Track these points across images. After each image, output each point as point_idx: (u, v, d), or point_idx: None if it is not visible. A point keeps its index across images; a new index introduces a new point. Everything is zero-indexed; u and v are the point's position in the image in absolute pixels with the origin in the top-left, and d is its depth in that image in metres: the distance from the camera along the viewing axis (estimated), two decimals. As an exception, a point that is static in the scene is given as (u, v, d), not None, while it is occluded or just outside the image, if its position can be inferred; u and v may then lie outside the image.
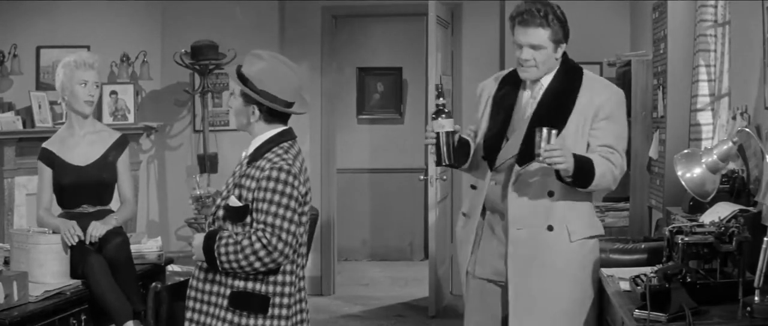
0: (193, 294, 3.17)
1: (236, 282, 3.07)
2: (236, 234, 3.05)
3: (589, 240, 3.58)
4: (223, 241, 3.04)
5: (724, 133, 4.65)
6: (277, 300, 3.10)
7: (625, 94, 5.97)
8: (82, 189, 4.16)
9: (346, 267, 8.85)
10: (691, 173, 3.34)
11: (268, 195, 3.02)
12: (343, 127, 8.96)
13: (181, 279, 4.45)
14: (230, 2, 7.28)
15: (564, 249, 3.49)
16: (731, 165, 4.02)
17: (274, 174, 3.03)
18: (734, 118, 4.25)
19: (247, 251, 2.99)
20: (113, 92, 6.87)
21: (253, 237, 2.99)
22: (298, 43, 7.49)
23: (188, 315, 3.18)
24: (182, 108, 7.37)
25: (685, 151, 3.58)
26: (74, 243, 3.89)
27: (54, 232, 3.90)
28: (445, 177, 7.08)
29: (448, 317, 6.74)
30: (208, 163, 7.06)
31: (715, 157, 3.31)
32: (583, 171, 3.35)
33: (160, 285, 3.90)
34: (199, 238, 3.13)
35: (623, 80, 6.19)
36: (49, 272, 3.76)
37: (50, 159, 4.21)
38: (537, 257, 3.50)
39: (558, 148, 3.25)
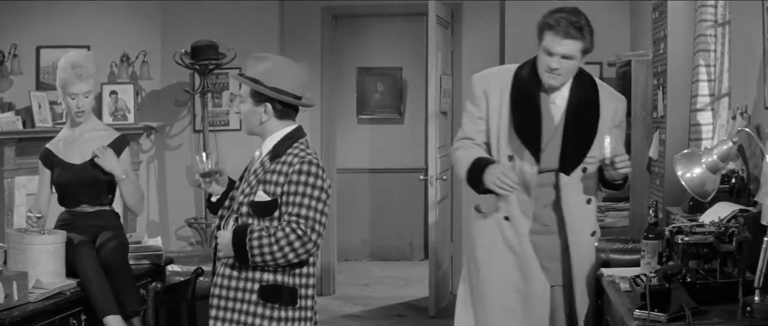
0: (217, 291, 3.18)
1: (265, 276, 3.12)
2: (267, 227, 3.08)
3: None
4: (256, 234, 3.06)
5: (724, 133, 4.65)
6: (303, 291, 3.18)
7: (625, 94, 6.02)
8: (78, 188, 4.16)
9: (346, 267, 8.85)
10: (691, 173, 3.34)
11: (300, 188, 3.07)
12: (343, 127, 8.96)
13: (181, 279, 4.45)
14: (230, 2, 7.28)
15: (593, 250, 3.75)
16: (731, 165, 4.02)
17: (305, 167, 3.08)
18: (734, 118, 4.25)
19: (283, 242, 3.04)
20: (113, 92, 6.87)
21: (287, 229, 3.04)
22: (298, 43, 7.49)
23: (213, 313, 3.17)
24: (182, 108, 7.37)
25: (685, 151, 3.58)
26: (32, 226, 3.87)
27: (47, 233, 3.89)
28: (445, 177, 7.08)
29: (448, 317, 6.73)
30: (208, 163, 7.05)
31: (715, 156, 3.31)
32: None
33: (160, 285, 3.90)
34: (226, 234, 3.14)
35: (623, 80, 6.18)
36: (43, 272, 3.76)
37: (49, 159, 4.21)
38: (586, 261, 3.69)
39: (625, 155, 3.48)
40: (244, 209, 3.15)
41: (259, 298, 3.11)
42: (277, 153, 3.15)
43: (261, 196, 3.11)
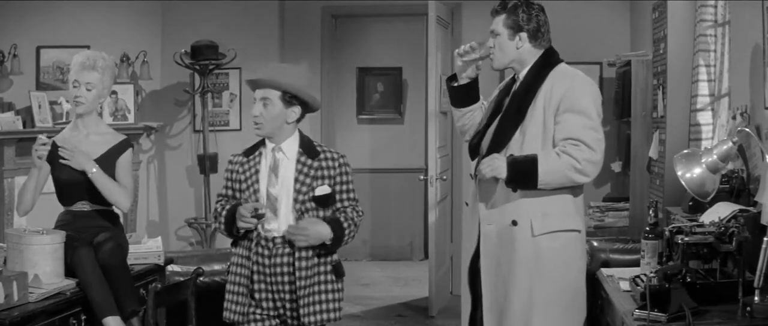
0: (304, 273, 3.59)
1: (334, 257, 3.72)
2: (345, 216, 3.66)
3: (561, 234, 3.45)
4: (346, 224, 3.64)
5: (724, 133, 4.66)
6: None
7: (625, 94, 6.04)
8: (77, 187, 4.14)
9: (346, 267, 8.77)
10: (691, 173, 3.34)
11: (347, 178, 3.72)
12: (343, 127, 8.96)
13: (181, 279, 4.45)
14: (230, 2, 7.28)
15: (527, 244, 3.44)
16: (731, 165, 4.02)
17: (345, 160, 3.73)
18: (734, 117, 4.25)
19: (357, 221, 3.71)
20: (113, 92, 6.86)
21: (354, 213, 3.70)
22: (298, 43, 7.49)
23: (301, 292, 3.58)
24: (182, 108, 7.37)
25: (685, 151, 3.57)
26: (44, 153, 3.95)
27: (46, 233, 3.88)
28: (445, 177, 7.08)
29: (448, 317, 6.74)
30: (208, 163, 7.06)
31: (715, 156, 3.31)
32: (521, 173, 3.36)
33: (160, 285, 3.90)
34: (321, 227, 3.57)
35: (623, 80, 6.19)
36: (41, 272, 3.75)
37: (52, 153, 4.19)
38: (503, 253, 3.48)
39: (487, 160, 3.41)
40: (309, 204, 3.59)
41: (331, 273, 3.70)
42: (312, 152, 3.65)
43: (324, 190, 3.63)
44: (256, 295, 3.60)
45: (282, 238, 3.57)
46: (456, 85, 3.71)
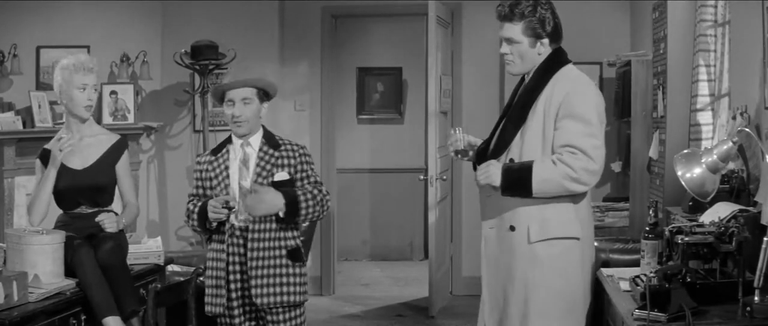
0: (255, 263, 3.77)
1: (289, 242, 3.84)
2: (305, 192, 3.81)
3: (558, 242, 3.39)
4: (303, 197, 3.78)
5: (724, 133, 4.65)
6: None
7: (625, 94, 6.04)
8: (77, 193, 4.15)
9: (346, 267, 8.84)
10: (691, 173, 3.33)
11: (307, 166, 3.91)
12: (343, 127, 8.96)
13: (181, 279, 4.45)
14: (230, 2, 7.28)
15: (523, 251, 3.40)
16: (731, 165, 4.02)
17: (306, 150, 3.95)
18: (734, 118, 4.25)
19: (320, 199, 3.83)
20: (113, 92, 6.86)
21: (316, 191, 3.84)
22: (298, 43, 7.49)
23: (253, 282, 3.76)
24: (182, 108, 7.37)
25: (685, 151, 3.57)
26: (70, 148, 4.02)
27: (46, 233, 3.88)
28: (445, 177, 7.08)
29: (448, 317, 6.74)
30: (208, 163, 7.06)
31: (715, 156, 3.31)
32: (515, 181, 3.33)
33: (159, 285, 3.89)
34: (275, 196, 3.71)
35: (623, 80, 6.19)
36: (41, 272, 3.75)
37: (44, 159, 4.19)
38: (502, 257, 3.47)
39: (483, 167, 3.41)
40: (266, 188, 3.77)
41: (287, 259, 3.80)
42: (274, 144, 3.90)
43: (282, 176, 3.83)
44: (232, 285, 3.78)
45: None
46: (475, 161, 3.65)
